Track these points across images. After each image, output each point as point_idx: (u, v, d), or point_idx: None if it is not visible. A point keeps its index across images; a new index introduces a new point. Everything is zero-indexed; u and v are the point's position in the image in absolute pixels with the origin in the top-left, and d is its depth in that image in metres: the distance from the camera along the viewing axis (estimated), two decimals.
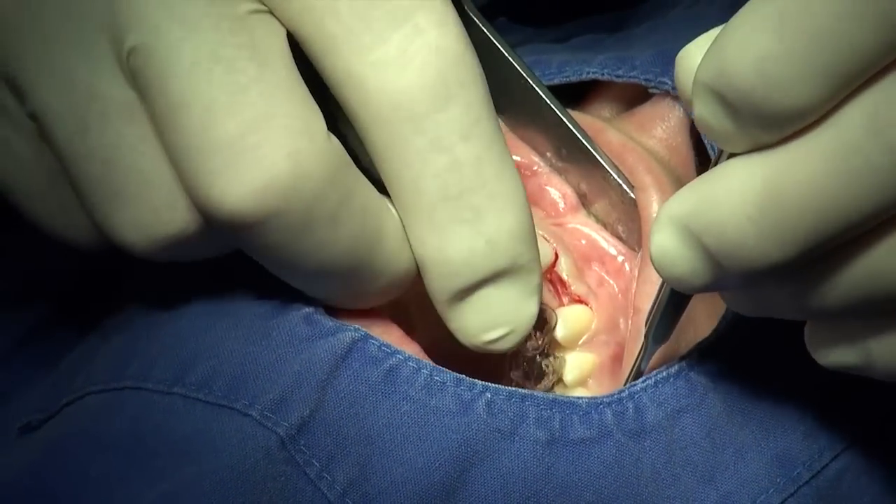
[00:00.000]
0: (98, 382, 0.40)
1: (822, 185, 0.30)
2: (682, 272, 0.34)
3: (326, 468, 0.37)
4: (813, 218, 0.30)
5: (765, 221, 0.31)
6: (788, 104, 0.29)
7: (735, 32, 0.30)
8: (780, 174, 0.31)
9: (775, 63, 0.29)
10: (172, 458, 0.38)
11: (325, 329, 0.39)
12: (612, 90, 0.47)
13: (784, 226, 0.31)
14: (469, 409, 0.38)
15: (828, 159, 0.30)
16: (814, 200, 0.30)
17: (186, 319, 0.40)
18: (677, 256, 0.34)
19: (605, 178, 0.43)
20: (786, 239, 0.31)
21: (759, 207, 0.31)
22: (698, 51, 0.33)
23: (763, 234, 0.31)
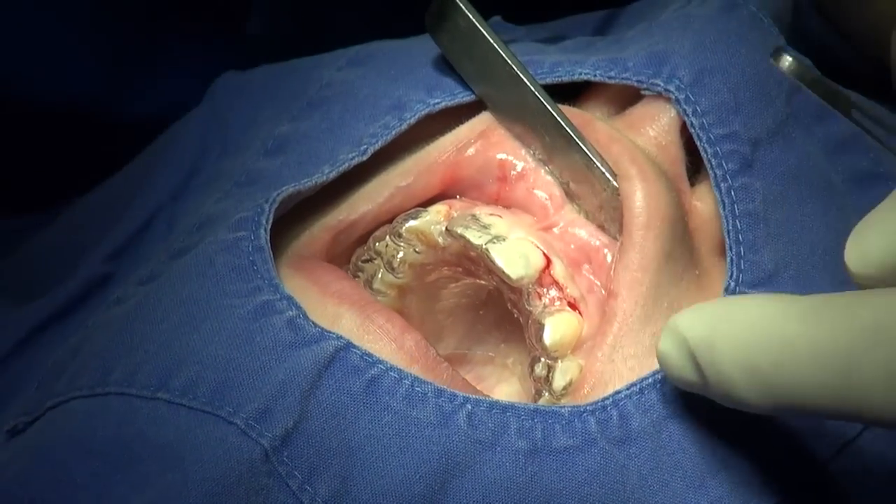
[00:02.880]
0: (83, 387, 0.40)
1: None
2: (681, 379, 0.37)
3: (308, 480, 0.37)
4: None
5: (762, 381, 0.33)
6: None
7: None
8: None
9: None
10: (157, 464, 0.38)
11: (309, 336, 0.39)
12: (605, 92, 0.46)
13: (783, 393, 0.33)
14: (450, 420, 0.38)
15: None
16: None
17: (168, 322, 0.40)
18: (676, 367, 0.37)
19: (588, 168, 0.43)
20: (780, 403, 0.33)
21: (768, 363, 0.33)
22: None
23: (754, 390, 0.34)
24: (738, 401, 0.35)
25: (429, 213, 0.45)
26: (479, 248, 0.43)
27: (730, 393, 0.35)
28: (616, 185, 0.42)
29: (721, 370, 0.35)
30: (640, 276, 0.41)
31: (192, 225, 0.45)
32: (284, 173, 0.45)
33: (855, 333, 0.32)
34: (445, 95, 0.45)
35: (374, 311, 0.41)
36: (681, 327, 0.36)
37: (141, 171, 0.55)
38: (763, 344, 0.33)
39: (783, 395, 0.33)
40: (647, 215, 0.41)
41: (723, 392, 0.35)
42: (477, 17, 0.44)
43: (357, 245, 0.47)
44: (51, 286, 0.51)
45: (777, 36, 0.44)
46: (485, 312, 0.49)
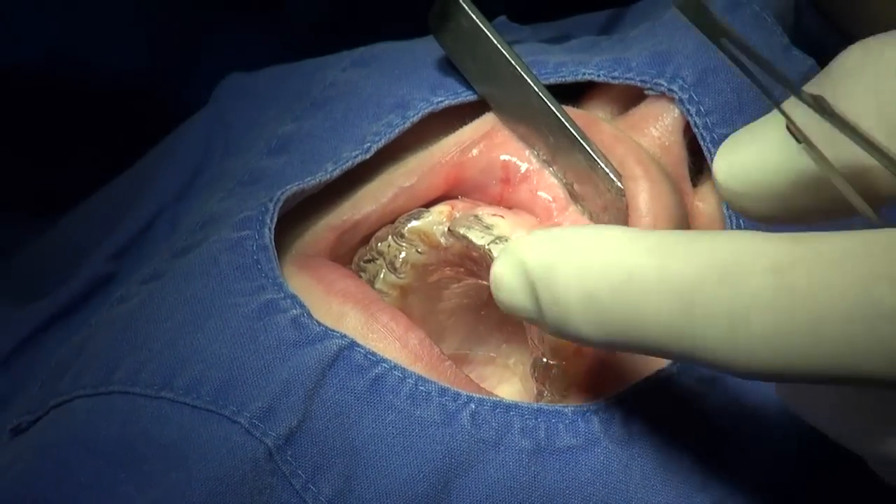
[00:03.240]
0: (86, 386, 0.40)
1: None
2: (513, 305, 0.35)
3: (312, 480, 0.37)
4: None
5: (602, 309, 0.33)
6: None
7: None
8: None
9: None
10: (161, 464, 0.38)
11: (313, 335, 0.39)
12: (609, 92, 0.46)
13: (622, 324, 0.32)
14: (453, 419, 0.38)
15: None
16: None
17: (172, 321, 0.40)
18: (511, 290, 0.35)
19: (592, 168, 0.43)
20: (614, 335, 0.33)
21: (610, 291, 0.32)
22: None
23: (590, 320, 0.33)
24: (571, 331, 0.34)
25: (431, 213, 0.45)
26: (482, 249, 0.43)
27: (564, 322, 0.34)
28: (621, 185, 0.42)
29: (558, 295, 0.34)
30: None
31: (195, 224, 0.45)
32: (288, 172, 0.45)
33: (702, 269, 0.31)
34: (449, 94, 0.45)
35: (379, 310, 0.41)
36: (521, 250, 0.35)
37: (145, 172, 0.55)
38: (606, 271, 0.33)
39: (619, 327, 0.33)
40: (652, 216, 0.41)
41: (557, 320, 0.34)
42: (480, 18, 0.44)
43: (360, 245, 0.47)
44: (54, 286, 0.51)
45: (781, 35, 0.44)
46: (486, 313, 0.49)
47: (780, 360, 0.30)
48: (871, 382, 0.29)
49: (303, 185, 0.43)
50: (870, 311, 0.29)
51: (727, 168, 0.35)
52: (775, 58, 0.44)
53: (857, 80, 0.33)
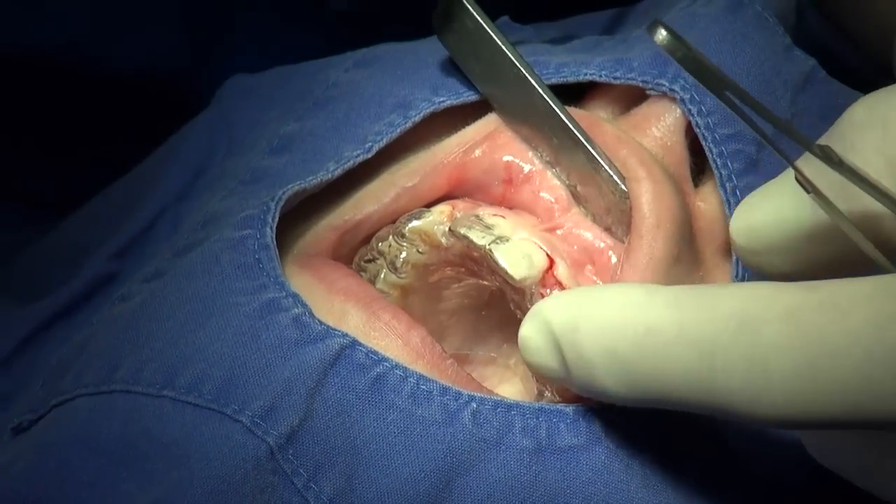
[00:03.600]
0: (88, 384, 0.40)
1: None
2: (541, 366, 0.37)
3: (314, 478, 0.37)
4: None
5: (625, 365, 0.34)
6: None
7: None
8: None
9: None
10: (163, 462, 0.38)
11: (314, 334, 0.39)
12: (611, 92, 0.46)
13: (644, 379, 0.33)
14: (455, 418, 0.38)
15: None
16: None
17: (174, 320, 0.40)
18: (538, 351, 0.37)
19: (596, 170, 0.43)
20: (639, 391, 0.34)
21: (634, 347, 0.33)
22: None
23: (615, 376, 0.34)
24: (598, 388, 0.35)
25: (432, 213, 0.45)
26: (483, 249, 0.43)
27: (590, 379, 0.35)
28: (624, 187, 0.42)
29: (583, 354, 0.35)
30: (648, 277, 0.41)
31: (196, 222, 0.45)
32: (289, 171, 0.45)
33: (719, 321, 0.31)
34: (451, 94, 0.45)
35: (380, 308, 0.41)
36: (545, 311, 0.36)
37: (147, 173, 0.55)
38: (626, 328, 0.33)
39: (642, 382, 0.33)
40: (656, 216, 0.41)
41: (583, 378, 0.35)
42: (484, 18, 0.44)
43: (361, 245, 0.47)
44: (56, 285, 0.51)
45: (782, 35, 0.45)
46: (487, 313, 0.49)
47: (801, 407, 0.30)
48: (891, 426, 0.30)
49: (304, 185, 0.43)
50: (885, 352, 0.29)
51: (744, 227, 0.37)
52: (778, 58, 0.44)
53: (864, 136, 0.34)
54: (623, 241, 0.43)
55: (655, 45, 0.31)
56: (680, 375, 0.32)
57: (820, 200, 0.33)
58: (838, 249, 0.34)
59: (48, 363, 0.44)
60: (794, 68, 0.44)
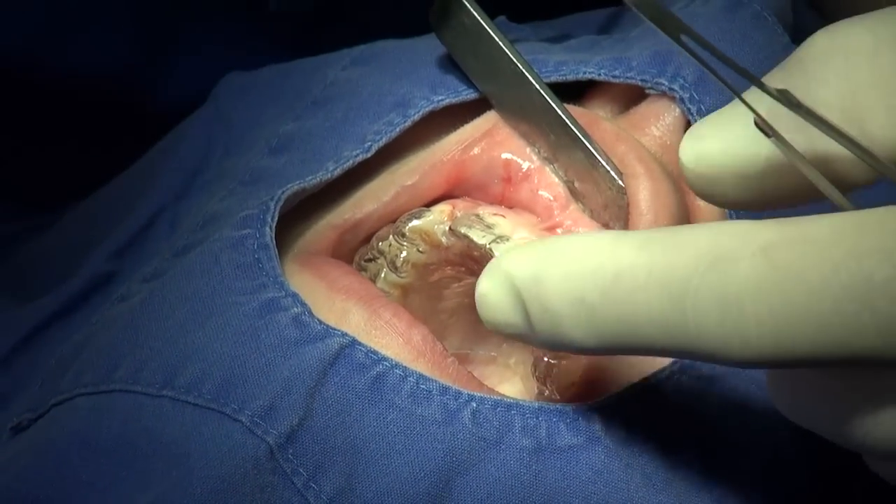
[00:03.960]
0: (87, 384, 0.40)
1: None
2: (502, 322, 0.35)
3: (313, 478, 0.37)
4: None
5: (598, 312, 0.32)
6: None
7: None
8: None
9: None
10: (162, 461, 0.38)
11: (314, 333, 0.39)
12: (610, 91, 0.46)
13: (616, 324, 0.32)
14: (454, 418, 0.38)
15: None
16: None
17: (173, 319, 0.40)
18: (499, 306, 0.35)
19: (593, 166, 0.43)
20: (608, 338, 0.32)
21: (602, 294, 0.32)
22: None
23: (582, 325, 0.33)
24: (564, 339, 0.33)
25: (432, 212, 0.45)
26: (483, 248, 0.43)
27: (556, 331, 0.33)
28: (622, 183, 0.42)
29: (547, 305, 0.33)
30: None
31: (196, 223, 0.45)
32: (289, 171, 0.45)
33: (690, 261, 0.30)
34: (450, 93, 0.45)
35: (381, 307, 0.41)
36: (505, 264, 0.34)
37: (144, 172, 0.55)
38: (593, 274, 0.32)
39: (612, 330, 0.32)
40: (653, 213, 0.41)
41: (549, 331, 0.34)
42: (482, 15, 0.44)
43: (362, 244, 0.47)
44: (54, 285, 0.51)
45: (781, 34, 0.45)
46: None
47: (776, 345, 0.29)
48: (868, 361, 0.29)
49: (304, 184, 0.43)
50: (863, 286, 0.28)
51: (694, 155, 0.35)
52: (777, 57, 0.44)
53: (826, 65, 0.33)
54: None
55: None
56: (651, 319, 0.31)
57: (780, 144, 0.33)
58: (795, 183, 0.33)
59: (47, 362, 0.44)
60: None
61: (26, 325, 0.50)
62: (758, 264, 0.29)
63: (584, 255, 0.33)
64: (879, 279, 0.28)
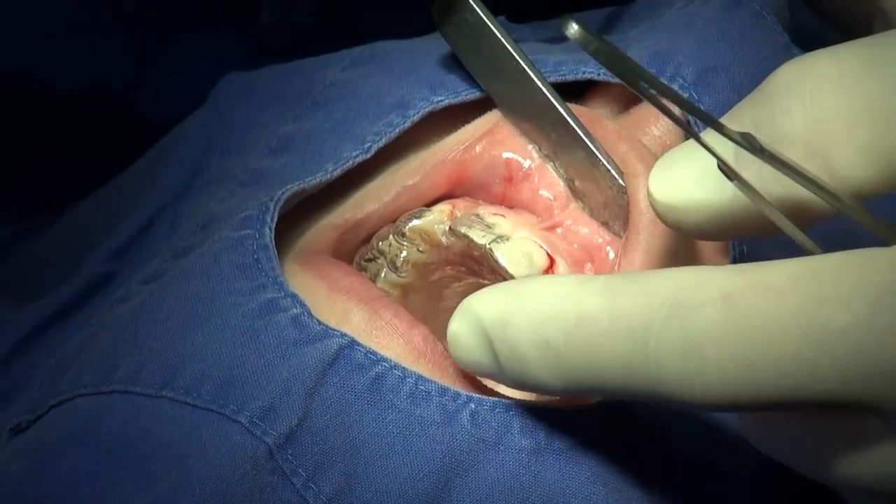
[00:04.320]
0: (87, 385, 0.40)
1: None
2: (472, 362, 0.36)
3: (312, 478, 0.37)
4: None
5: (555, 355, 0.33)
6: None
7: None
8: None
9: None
10: (161, 463, 0.38)
11: (313, 334, 0.39)
12: (609, 91, 0.46)
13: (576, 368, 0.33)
14: (453, 419, 0.38)
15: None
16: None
17: (172, 320, 0.40)
18: (468, 347, 0.36)
19: (594, 165, 0.43)
20: (574, 381, 0.33)
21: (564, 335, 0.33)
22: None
23: (548, 367, 0.33)
24: (531, 381, 0.34)
25: (432, 212, 0.45)
26: (483, 248, 0.43)
27: (523, 373, 0.34)
28: (622, 182, 0.42)
29: (514, 347, 0.34)
30: None
31: (195, 224, 0.45)
32: (288, 172, 0.45)
33: (652, 307, 0.31)
34: (449, 94, 0.45)
35: (382, 307, 0.41)
36: (474, 306, 0.36)
37: (144, 172, 0.55)
38: (557, 318, 0.33)
39: (577, 373, 0.33)
40: (654, 212, 0.41)
41: (516, 372, 0.35)
42: (485, 11, 0.44)
43: (362, 244, 0.47)
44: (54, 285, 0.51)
45: (781, 34, 0.44)
46: None
47: (738, 389, 0.30)
48: (829, 404, 0.29)
49: (303, 185, 0.43)
50: (821, 334, 0.29)
51: (662, 187, 0.36)
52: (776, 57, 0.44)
53: (791, 98, 0.33)
54: (621, 236, 0.43)
55: (568, 38, 0.31)
56: (614, 364, 0.32)
57: (743, 187, 0.33)
58: (759, 216, 0.34)
59: (47, 363, 0.45)
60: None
61: (26, 325, 0.50)
62: (718, 310, 0.30)
63: (549, 299, 0.33)
64: (837, 327, 0.29)
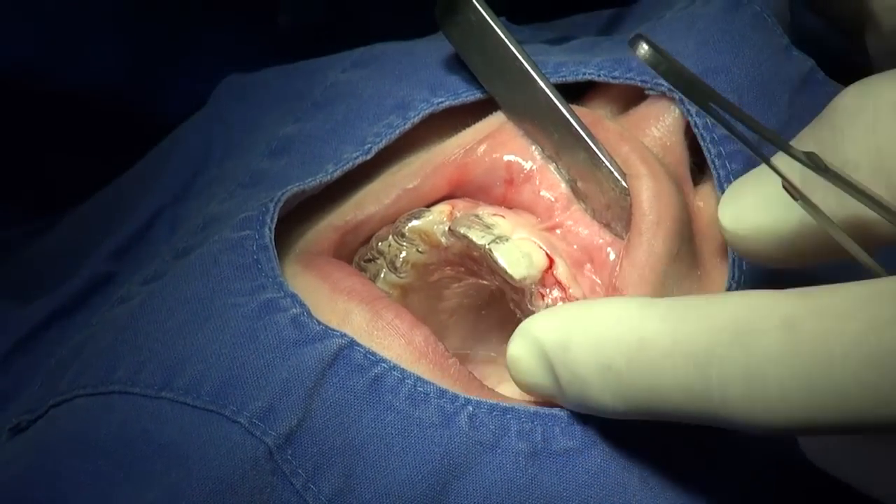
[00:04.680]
0: (86, 385, 0.40)
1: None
2: (533, 385, 0.37)
3: (312, 479, 0.37)
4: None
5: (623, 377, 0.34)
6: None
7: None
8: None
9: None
10: (161, 463, 0.38)
11: (313, 334, 0.39)
12: (610, 92, 0.46)
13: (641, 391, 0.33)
14: (451, 421, 0.38)
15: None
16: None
17: (172, 321, 0.40)
18: (529, 371, 0.37)
19: (596, 166, 0.43)
20: (635, 405, 0.34)
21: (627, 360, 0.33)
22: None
23: (609, 391, 0.34)
24: (593, 404, 0.35)
25: (432, 212, 0.45)
26: (483, 248, 0.43)
27: (584, 396, 0.35)
28: (625, 184, 0.42)
29: (575, 371, 0.35)
30: (647, 275, 0.41)
31: (196, 225, 0.45)
32: (288, 173, 0.45)
33: (714, 331, 0.31)
34: (449, 95, 0.45)
35: (384, 308, 0.41)
36: (534, 329, 0.36)
37: (145, 173, 0.55)
38: (619, 342, 0.34)
39: (638, 397, 0.33)
40: (656, 214, 0.41)
41: (577, 395, 0.35)
42: (488, 12, 0.44)
43: (362, 245, 0.47)
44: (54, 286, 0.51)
45: (781, 35, 0.44)
46: (487, 313, 0.49)
47: (800, 416, 0.30)
48: (892, 429, 0.29)
49: (303, 186, 0.43)
50: (883, 357, 0.29)
51: (731, 217, 0.37)
52: (776, 58, 0.44)
53: (854, 122, 0.34)
54: (622, 238, 0.43)
55: (638, 59, 0.31)
56: (676, 388, 0.32)
57: (808, 207, 0.33)
58: (826, 240, 0.34)
59: (47, 363, 0.45)
60: (792, 69, 0.44)
61: (26, 325, 0.50)
62: (781, 336, 0.30)
63: (610, 323, 0.34)
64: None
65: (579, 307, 0.36)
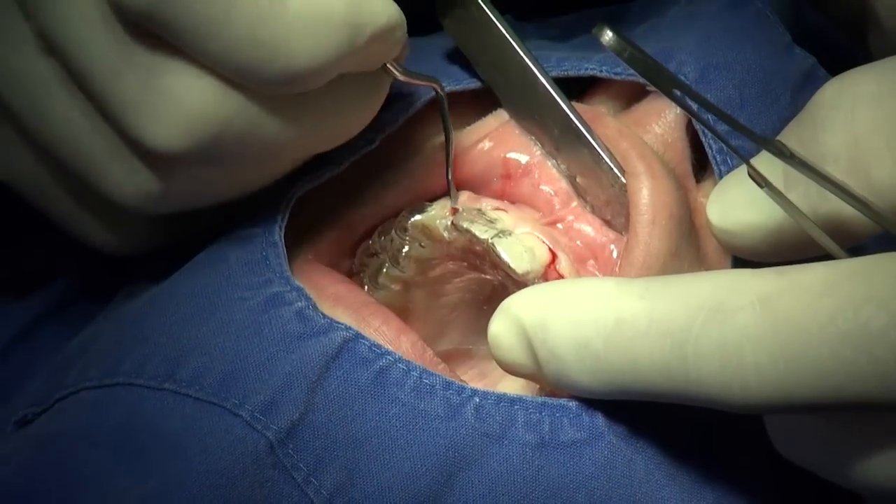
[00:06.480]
0: (92, 378, 0.40)
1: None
2: (512, 363, 0.37)
3: (314, 473, 0.37)
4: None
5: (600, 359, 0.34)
6: None
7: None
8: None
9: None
10: (162, 454, 0.38)
11: (317, 327, 0.39)
12: (611, 88, 0.46)
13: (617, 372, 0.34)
14: (457, 413, 0.38)
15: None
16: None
17: (178, 315, 0.40)
18: (508, 348, 0.37)
19: (596, 163, 0.43)
20: (612, 383, 0.34)
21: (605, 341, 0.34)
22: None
23: (586, 370, 0.34)
24: (570, 383, 0.35)
25: (434, 207, 0.45)
26: (485, 243, 0.43)
27: (562, 374, 0.35)
28: (625, 181, 0.42)
29: (553, 349, 0.35)
30: (645, 273, 0.41)
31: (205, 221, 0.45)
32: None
33: (690, 310, 0.32)
34: (452, 81, 0.45)
35: (370, 314, 0.41)
36: (514, 308, 0.36)
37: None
38: (597, 321, 0.34)
39: (615, 375, 0.34)
40: (652, 212, 0.41)
41: (555, 373, 0.35)
42: (490, 7, 0.44)
43: (364, 240, 0.47)
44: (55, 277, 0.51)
45: (783, 33, 0.45)
46: (489, 307, 0.48)
47: (776, 391, 0.30)
48: (867, 405, 0.30)
49: (315, 182, 0.43)
50: (859, 334, 0.29)
51: (718, 212, 0.37)
52: (778, 56, 0.45)
53: (833, 114, 0.34)
54: (623, 234, 0.43)
55: (601, 45, 0.31)
56: (652, 366, 0.32)
57: (773, 195, 0.33)
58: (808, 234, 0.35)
59: (50, 356, 0.44)
60: (794, 66, 0.45)
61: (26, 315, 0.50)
62: (756, 313, 0.30)
63: (587, 302, 0.34)
64: (876, 327, 0.29)
65: (558, 286, 0.36)
